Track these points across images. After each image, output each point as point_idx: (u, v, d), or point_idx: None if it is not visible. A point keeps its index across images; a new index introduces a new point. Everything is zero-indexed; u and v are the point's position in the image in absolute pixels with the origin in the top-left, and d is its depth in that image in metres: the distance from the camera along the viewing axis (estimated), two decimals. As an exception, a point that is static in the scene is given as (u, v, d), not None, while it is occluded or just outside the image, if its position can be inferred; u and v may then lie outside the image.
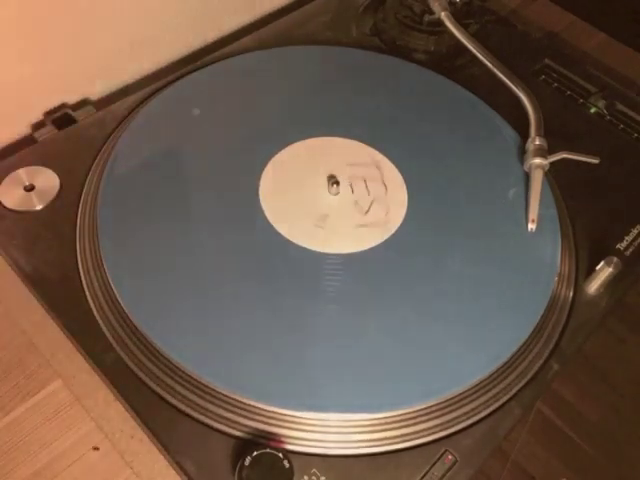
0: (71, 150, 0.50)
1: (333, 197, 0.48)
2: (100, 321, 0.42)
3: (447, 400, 0.40)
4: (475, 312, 0.43)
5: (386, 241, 0.46)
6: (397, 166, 0.50)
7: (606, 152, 0.54)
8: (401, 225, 0.47)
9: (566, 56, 0.63)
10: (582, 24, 0.69)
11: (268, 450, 0.36)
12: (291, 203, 0.47)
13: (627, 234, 0.50)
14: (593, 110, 0.58)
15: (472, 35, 0.57)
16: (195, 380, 0.39)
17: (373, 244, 0.46)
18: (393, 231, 0.47)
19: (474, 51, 0.56)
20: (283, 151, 0.50)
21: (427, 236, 0.47)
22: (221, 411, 0.39)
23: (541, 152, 0.50)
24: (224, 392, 0.39)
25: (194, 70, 0.56)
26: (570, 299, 0.46)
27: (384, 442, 0.39)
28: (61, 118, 0.53)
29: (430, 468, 0.38)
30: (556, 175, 0.52)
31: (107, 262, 0.43)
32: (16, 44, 0.49)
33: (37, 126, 0.54)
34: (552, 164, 0.50)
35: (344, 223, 0.47)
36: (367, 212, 0.47)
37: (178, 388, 0.39)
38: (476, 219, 0.48)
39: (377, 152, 0.51)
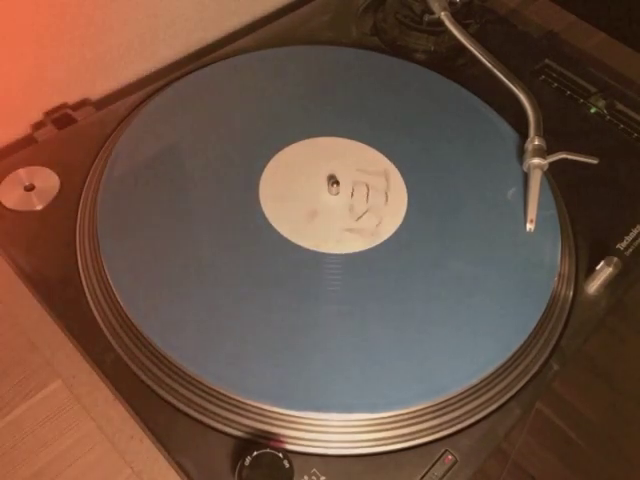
0: (71, 150, 0.50)
1: (333, 197, 0.48)
2: (100, 321, 0.42)
3: (447, 400, 0.40)
4: (475, 312, 0.43)
5: (386, 241, 0.46)
6: (396, 165, 0.50)
7: (606, 152, 0.54)
8: (401, 225, 0.47)
9: (566, 56, 0.63)
10: (582, 24, 0.69)
11: (268, 450, 0.36)
12: (291, 203, 0.47)
13: (627, 234, 0.50)
14: (593, 110, 0.58)
15: (472, 35, 0.57)
16: (195, 380, 0.39)
17: (373, 244, 0.46)
18: (393, 231, 0.47)
19: (474, 51, 0.56)
20: (283, 151, 0.50)
21: (427, 235, 0.47)
22: (221, 411, 0.39)
23: (540, 152, 0.50)
24: (224, 392, 0.39)
25: (194, 70, 0.56)
26: (570, 299, 0.46)
27: (384, 442, 0.39)
28: (61, 118, 0.53)
29: (430, 468, 0.38)
30: (556, 175, 0.52)
31: (107, 262, 0.43)
32: (16, 44, 0.49)
33: (37, 126, 0.54)
34: (552, 164, 0.50)
35: (343, 222, 0.47)
36: (360, 217, 0.47)
37: (178, 388, 0.39)
38: (476, 219, 0.48)
39: (376, 151, 0.51)
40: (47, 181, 0.48)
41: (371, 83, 0.57)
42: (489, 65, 0.56)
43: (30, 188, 0.48)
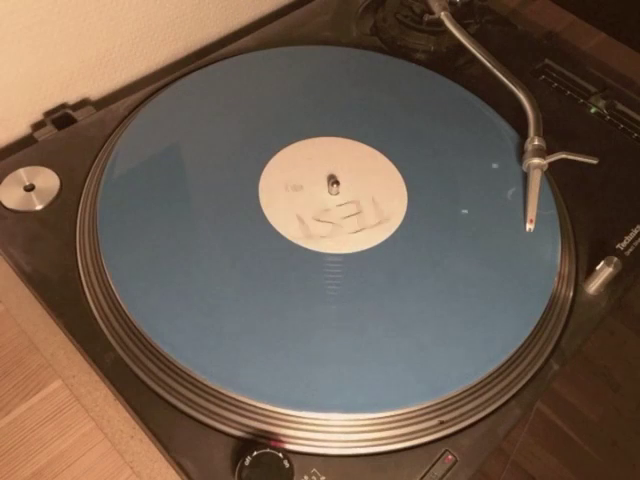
0: (71, 150, 0.50)
1: (333, 197, 0.48)
2: (100, 321, 0.42)
3: (447, 400, 0.40)
4: (475, 312, 0.43)
5: (386, 241, 0.46)
6: (397, 166, 0.50)
7: (606, 152, 0.54)
8: (401, 225, 0.47)
9: (566, 56, 0.63)
10: (582, 24, 0.69)
11: (268, 450, 0.36)
12: (291, 203, 0.47)
13: (627, 234, 0.50)
14: (593, 110, 0.58)
15: (472, 35, 0.57)
16: (195, 380, 0.39)
17: (373, 244, 0.46)
18: (393, 231, 0.47)
19: (474, 51, 0.56)
20: (283, 151, 0.50)
21: (427, 236, 0.47)
22: (221, 411, 0.39)
23: (539, 152, 0.50)
24: (224, 392, 0.39)
25: (194, 70, 0.56)
26: (570, 299, 0.46)
27: (384, 442, 0.39)
28: (61, 118, 0.53)
29: (430, 468, 0.38)
30: (556, 175, 0.52)
31: (107, 262, 0.43)
32: (16, 44, 0.49)
33: (37, 126, 0.54)
34: (552, 164, 0.50)
35: (343, 222, 0.47)
36: (360, 217, 0.47)
37: (178, 388, 0.39)
38: (476, 219, 0.48)
39: (377, 152, 0.51)
40: (47, 181, 0.48)
41: (371, 83, 0.57)
42: (489, 65, 0.56)
43: (30, 188, 0.48)
